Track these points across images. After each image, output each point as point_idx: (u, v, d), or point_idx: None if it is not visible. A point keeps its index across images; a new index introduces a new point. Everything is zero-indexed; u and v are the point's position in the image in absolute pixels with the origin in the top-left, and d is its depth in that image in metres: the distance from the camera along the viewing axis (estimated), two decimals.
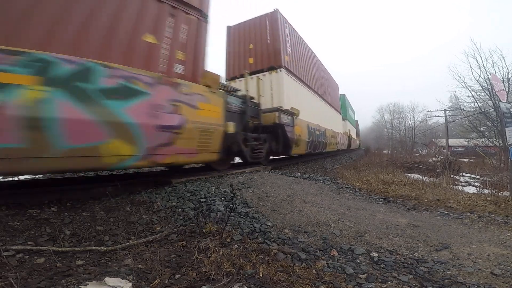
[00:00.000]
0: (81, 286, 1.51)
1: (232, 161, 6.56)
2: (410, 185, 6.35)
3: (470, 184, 8.04)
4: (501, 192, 5.46)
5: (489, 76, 14.39)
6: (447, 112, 23.31)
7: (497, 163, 13.98)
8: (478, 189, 6.42)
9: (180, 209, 3.17)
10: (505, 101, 5.89)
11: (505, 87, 14.73)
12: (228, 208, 3.15)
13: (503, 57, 15.80)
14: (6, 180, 4.42)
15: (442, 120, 24.26)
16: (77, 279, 1.62)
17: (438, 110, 24.72)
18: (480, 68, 16.25)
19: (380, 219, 3.44)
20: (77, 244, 2.23)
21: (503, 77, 15.74)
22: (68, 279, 1.63)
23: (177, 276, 1.72)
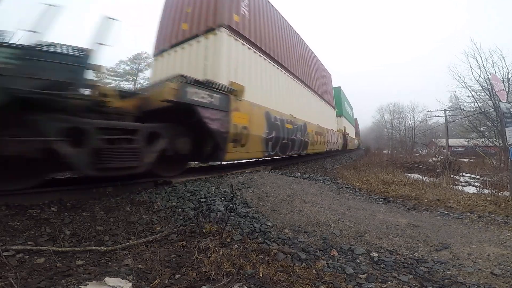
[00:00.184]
0: (81, 286, 1.51)
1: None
2: (410, 185, 6.35)
3: (470, 184, 8.04)
4: (501, 192, 5.46)
5: (489, 76, 14.39)
6: (447, 112, 23.31)
7: (497, 163, 13.97)
8: (478, 189, 6.41)
9: (180, 209, 3.17)
10: (505, 101, 5.90)
11: (505, 87, 14.73)
12: (228, 208, 3.15)
13: (503, 57, 15.82)
14: None
15: (442, 120, 24.26)
16: (77, 279, 1.63)
17: (438, 110, 24.73)
18: (480, 68, 16.26)
19: (380, 219, 3.44)
20: (77, 244, 2.24)
21: (503, 77, 15.75)
22: (68, 279, 1.63)
23: (177, 276, 1.72)
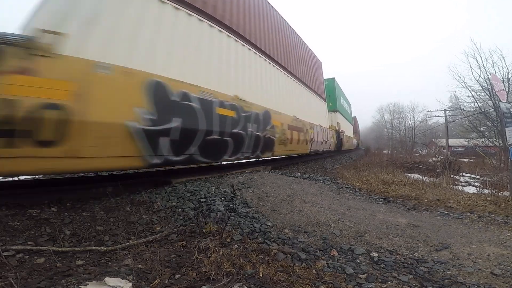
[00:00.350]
0: (81, 286, 1.51)
1: None
2: (410, 185, 6.34)
3: (470, 184, 8.03)
4: (501, 192, 5.45)
5: (489, 76, 14.39)
6: (447, 112, 23.30)
7: (497, 163, 13.97)
8: (478, 189, 6.41)
9: (180, 209, 3.17)
10: (505, 101, 5.90)
11: (505, 87, 14.73)
12: (228, 208, 3.15)
13: (503, 57, 15.81)
14: (6, 180, 4.41)
15: (442, 120, 24.24)
16: (77, 279, 1.62)
17: (438, 110, 24.72)
18: (480, 68, 16.25)
19: (380, 219, 3.44)
20: (77, 244, 2.23)
21: (503, 77, 15.74)
22: (68, 279, 1.62)
23: (177, 276, 1.72)
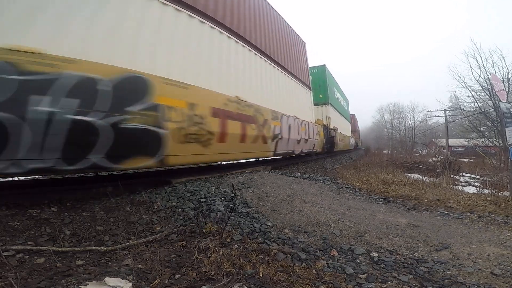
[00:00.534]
0: (81, 286, 1.51)
1: None
2: (410, 185, 6.34)
3: (470, 184, 8.03)
4: (501, 192, 5.45)
5: (489, 76, 14.39)
6: (447, 112, 23.32)
7: (497, 163, 13.96)
8: (478, 189, 6.41)
9: (180, 209, 3.17)
10: (505, 101, 5.90)
11: (505, 87, 14.73)
12: (228, 208, 3.15)
13: (503, 57, 15.85)
14: (6, 180, 4.41)
15: (442, 120, 24.26)
16: (77, 279, 1.62)
17: (438, 110, 24.75)
18: (480, 68, 16.28)
19: (380, 219, 3.44)
20: (77, 244, 2.23)
21: (503, 77, 15.76)
22: (68, 279, 1.62)
23: (177, 276, 1.72)
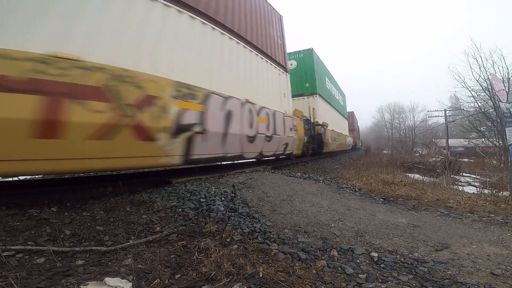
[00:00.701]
0: (81, 286, 1.51)
1: None
2: (410, 185, 6.34)
3: (470, 184, 8.03)
4: (501, 192, 5.45)
5: (489, 76, 14.39)
6: (447, 112, 23.32)
7: (497, 163, 13.96)
8: (478, 189, 6.41)
9: (180, 209, 3.17)
10: (505, 101, 5.90)
11: (505, 87, 14.73)
12: (228, 208, 3.15)
13: (503, 57, 15.85)
14: (6, 180, 4.42)
15: (442, 120, 24.26)
16: (77, 279, 1.62)
17: (438, 110, 24.75)
18: (480, 68, 16.28)
19: (380, 219, 3.44)
20: (77, 244, 2.23)
21: (503, 77, 15.76)
22: (68, 279, 1.62)
23: (177, 276, 1.72)
